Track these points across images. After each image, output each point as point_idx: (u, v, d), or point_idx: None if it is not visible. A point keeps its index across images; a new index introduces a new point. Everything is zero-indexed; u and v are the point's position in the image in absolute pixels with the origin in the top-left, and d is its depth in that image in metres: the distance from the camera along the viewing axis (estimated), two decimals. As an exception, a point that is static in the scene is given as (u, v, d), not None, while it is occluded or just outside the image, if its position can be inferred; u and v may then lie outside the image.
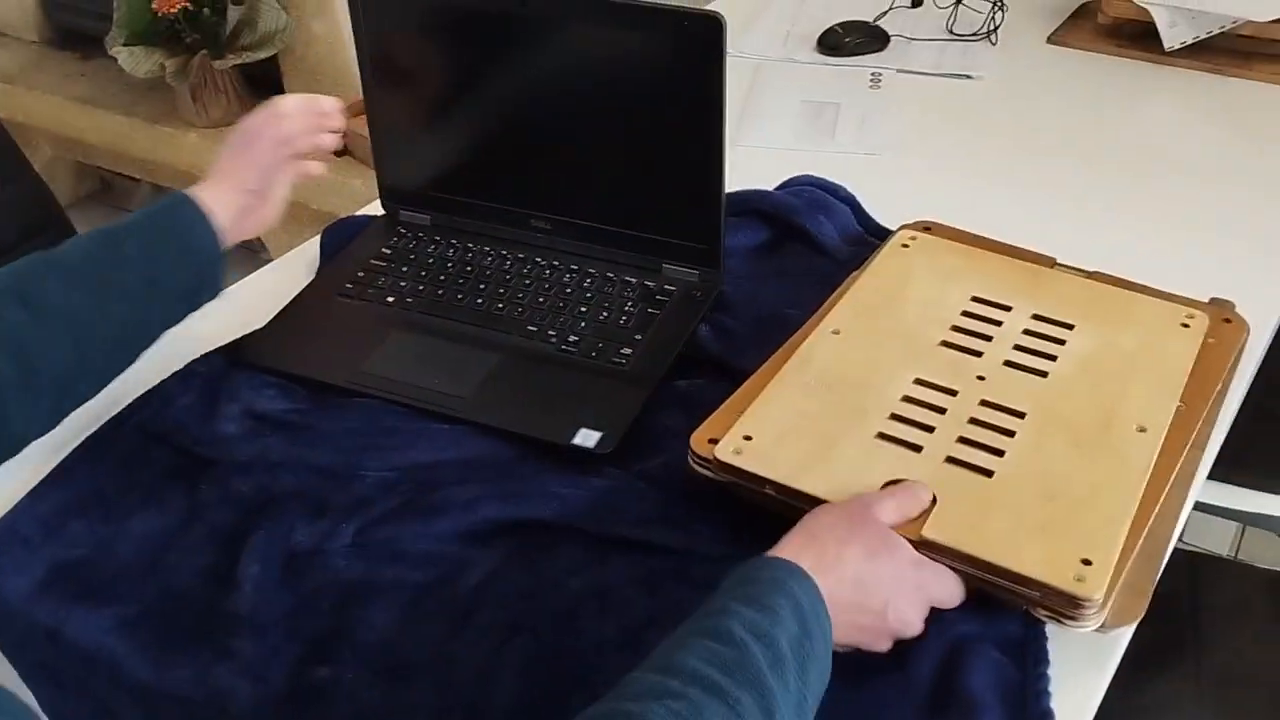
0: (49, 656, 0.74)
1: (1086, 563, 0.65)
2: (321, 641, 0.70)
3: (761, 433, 0.75)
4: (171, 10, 1.96)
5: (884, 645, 0.65)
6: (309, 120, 0.89)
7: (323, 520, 0.77)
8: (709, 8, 0.87)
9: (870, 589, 0.63)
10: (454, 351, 0.91)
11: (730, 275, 0.97)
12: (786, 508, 0.71)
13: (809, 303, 0.91)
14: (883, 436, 0.75)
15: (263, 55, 2.06)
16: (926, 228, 0.96)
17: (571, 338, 0.90)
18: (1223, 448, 0.84)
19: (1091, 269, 0.91)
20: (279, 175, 0.88)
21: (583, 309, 0.93)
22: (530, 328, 0.92)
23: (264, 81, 2.23)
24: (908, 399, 0.78)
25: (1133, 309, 0.87)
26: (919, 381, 0.79)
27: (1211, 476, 0.88)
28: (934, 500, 0.70)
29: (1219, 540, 1.78)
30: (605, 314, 0.92)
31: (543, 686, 0.67)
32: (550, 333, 0.91)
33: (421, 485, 0.79)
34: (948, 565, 0.68)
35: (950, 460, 0.73)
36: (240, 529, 0.77)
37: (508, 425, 0.83)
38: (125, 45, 2.03)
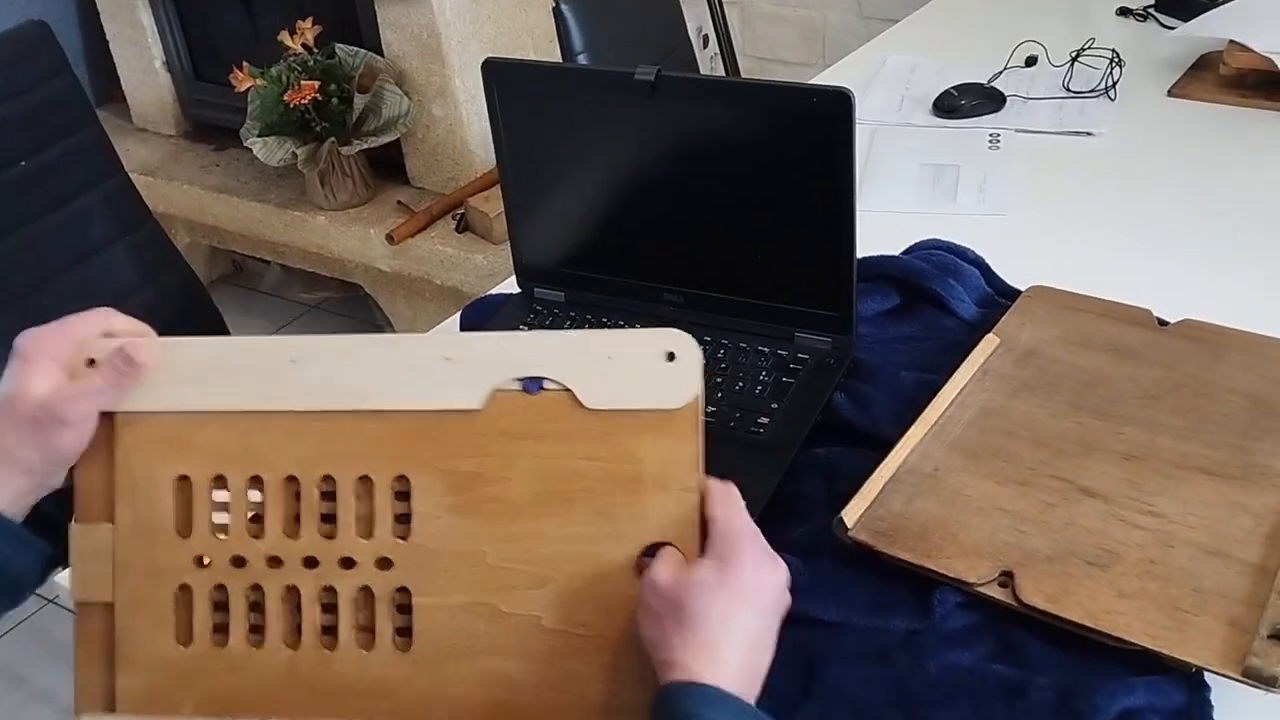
0: None
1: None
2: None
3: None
4: (302, 101, 2.06)
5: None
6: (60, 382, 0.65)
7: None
8: (836, 83, 0.89)
9: (761, 639, 0.61)
10: (595, 425, 0.93)
11: (862, 341, 0.97)
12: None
13: (942, 367, 0.92)
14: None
15: (386, 140, 2.15)
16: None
17: (709, 408, 0.92)
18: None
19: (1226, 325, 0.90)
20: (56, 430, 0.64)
21: (718, 379, 0.94)
22: (667, 399, 0.93)
23: (387, 163, 2.33)
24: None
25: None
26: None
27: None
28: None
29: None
30: (741, 384, 0.94)
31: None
32: (687, 404, 0.93)
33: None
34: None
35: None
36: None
37: (651, 496, 0.85)
38: (260, 136, 2.14)
